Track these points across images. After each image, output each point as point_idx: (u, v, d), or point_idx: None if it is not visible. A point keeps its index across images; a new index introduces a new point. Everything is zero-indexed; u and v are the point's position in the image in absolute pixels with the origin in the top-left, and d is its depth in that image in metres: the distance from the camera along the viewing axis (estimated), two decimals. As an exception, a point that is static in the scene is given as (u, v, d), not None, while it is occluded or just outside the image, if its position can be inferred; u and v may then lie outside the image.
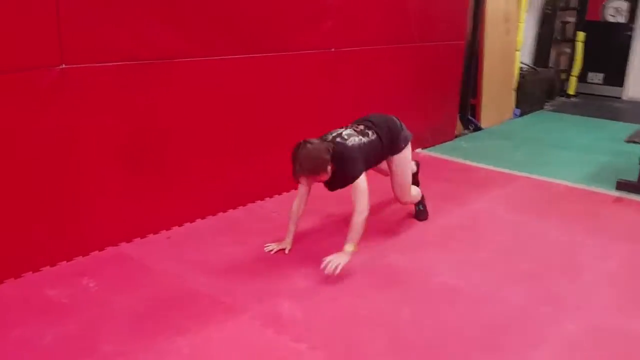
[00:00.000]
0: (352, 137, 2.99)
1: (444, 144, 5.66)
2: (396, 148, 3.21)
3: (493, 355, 2.33)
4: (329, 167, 2.84)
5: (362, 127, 3.10)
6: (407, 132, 3.29)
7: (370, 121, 3.17)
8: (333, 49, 4.21)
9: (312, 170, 2.82)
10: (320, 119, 4.26)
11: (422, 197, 3.64)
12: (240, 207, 3.71)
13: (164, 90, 3.16)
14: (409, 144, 3.29)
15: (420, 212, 3.65)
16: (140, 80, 3.04)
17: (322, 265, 2.74)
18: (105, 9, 2.81)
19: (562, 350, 2.38)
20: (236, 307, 2.56)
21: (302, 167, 2.78)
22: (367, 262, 3.03)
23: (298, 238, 3.16)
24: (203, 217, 3.52)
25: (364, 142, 3.00)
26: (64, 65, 2.70)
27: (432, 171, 4.69)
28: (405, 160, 3.27)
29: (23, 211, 2.71)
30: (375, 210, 3.47)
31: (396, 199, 3.42)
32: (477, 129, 6.38)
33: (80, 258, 2.96)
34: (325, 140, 2.94)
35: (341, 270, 2.74)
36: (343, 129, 3.06)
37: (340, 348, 2.31)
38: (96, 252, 3.03)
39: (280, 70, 3.84)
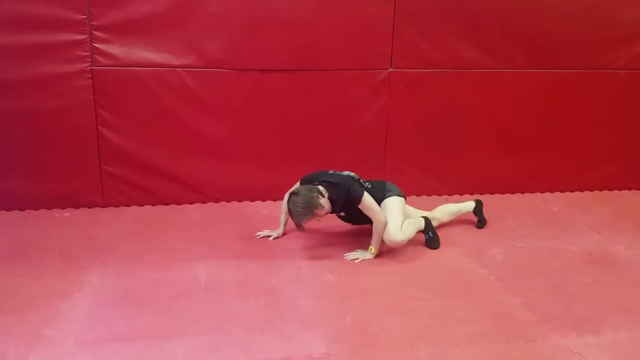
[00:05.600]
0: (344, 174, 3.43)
1: None
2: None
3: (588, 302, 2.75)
4: (323, 202, 3.18)
5: (361, 180, 3.47)
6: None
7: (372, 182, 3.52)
8: (643, 69, 4.53)
9: (304, 215, 3.14)
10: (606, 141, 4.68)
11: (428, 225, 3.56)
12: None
13: (457, 91, 4.35)
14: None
15: (429, 240, 3.56)
16: (441, 83, 4.30)
17: (346, 254, 3.33)
18: (420, 32, 4.16)
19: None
20: (453, 243, 3.60)
21: (297, 215, 3.15)
22: (594, 246, 3.59)
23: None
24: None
25: (353, 178, 3.41)
26: (391, 69, 4.21)
27: None
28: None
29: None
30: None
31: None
32: None
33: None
34: (316, 180, 3.34)
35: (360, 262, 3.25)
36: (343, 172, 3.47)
37: (510, 279, 3.12)
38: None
39: (575, 86, 4.48)
